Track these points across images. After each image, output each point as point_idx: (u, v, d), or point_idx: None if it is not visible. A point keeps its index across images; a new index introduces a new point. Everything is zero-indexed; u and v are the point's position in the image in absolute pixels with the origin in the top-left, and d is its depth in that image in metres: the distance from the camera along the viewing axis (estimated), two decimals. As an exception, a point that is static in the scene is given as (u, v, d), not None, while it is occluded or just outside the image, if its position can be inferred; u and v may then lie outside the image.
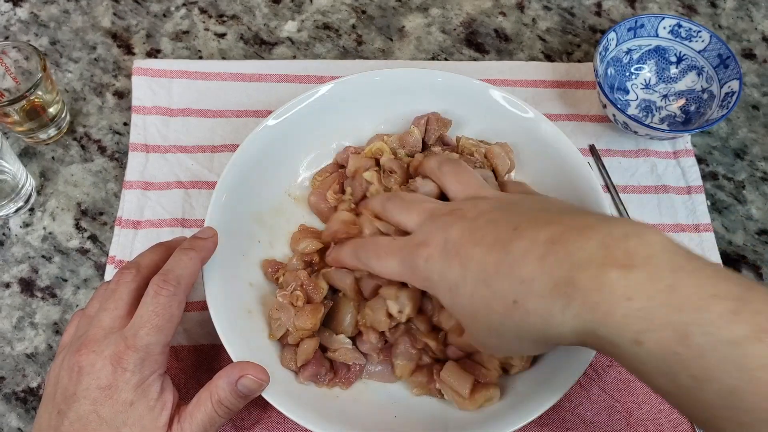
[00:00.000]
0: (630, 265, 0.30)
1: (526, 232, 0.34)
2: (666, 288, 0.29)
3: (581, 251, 0.32)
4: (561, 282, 0.32)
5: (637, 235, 0.32)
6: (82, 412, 0.38)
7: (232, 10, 0.70)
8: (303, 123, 0.54)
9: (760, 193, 0.62)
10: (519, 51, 0.68)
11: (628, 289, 0.30)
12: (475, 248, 0.35)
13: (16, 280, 0.56)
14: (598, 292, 0.31)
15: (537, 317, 0.33)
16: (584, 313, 0.31)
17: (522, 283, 0.33)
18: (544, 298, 0.32)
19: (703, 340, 0.28)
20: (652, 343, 0.29)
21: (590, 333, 0.31)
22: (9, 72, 0.58)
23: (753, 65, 0.68)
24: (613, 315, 0.30)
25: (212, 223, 0.48)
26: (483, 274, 0.35)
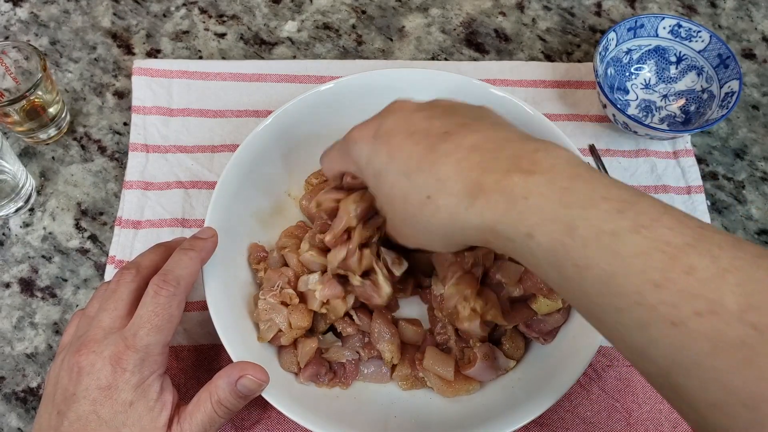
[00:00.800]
0: (532, 171, 0.33)
1: (454, 137, 0.36)
2: (560, 189, 0.32)
3: (494, 160, 0.34)
4: (471, 183, 0.34)
5: (545, 150, 0.34)
6: (81, 412, 0.38)
7: (232, 10, 0.70)
8: (303, 123, 0.54)
9: (760, 193, 0.61)
10: (519, 51, 0.68)
11: (526, 190, 0.33)
12: (405, 140, 0.37)
13: (16, 280, 0.56)
14: (500, 193, 0.33)
15: (445, 213, 0.35)
16: (486, 211, 0.34)
17: (438, 181, 0.35)
18: (454, 196, 0.35)
19: (586, 232, 0.30)
20: (542, 235, 0.32)
21: (490, 229, 0.34)
22: (9, 72, 0.58)
23: (753, 65, 0.68)
24: (510, 212, 0.33)
25: (212, 223, 0.48)
26: (405, 167, 0.37)
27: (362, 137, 0.40)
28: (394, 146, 0.38)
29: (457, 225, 0.35)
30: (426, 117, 0.38)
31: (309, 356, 0.47)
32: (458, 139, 0.36)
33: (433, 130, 0.37)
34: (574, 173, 0.33)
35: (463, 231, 0.35)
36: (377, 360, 0.50)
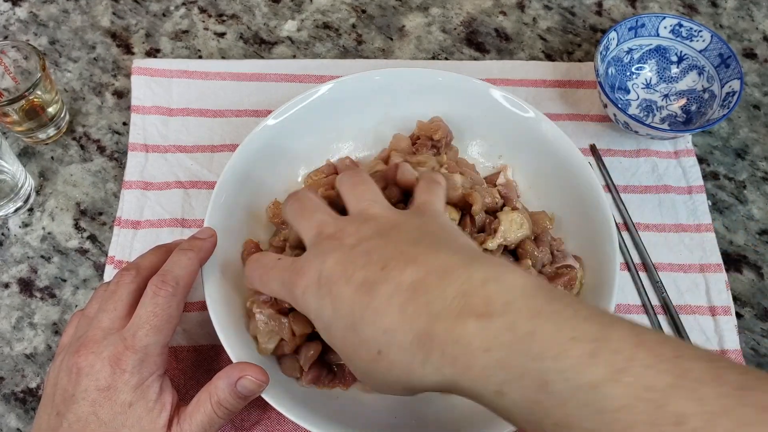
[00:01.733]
0: (487, 313, 0.30)
1: (392, 273, 0.34)
2: (524, 336, 0.29)
3: (439, 300, 0.32)
4: (421, 334, 0.31)
5: (495, 280, 0.31)
6: (81, 413, 0.38)
7: (232, 10, 0.70)
8: (303, 123, 0.54)
9: (761, 193, 0.61)
10: (519, 50, 0.68)
11: (485, 340, 0.30)
12: (345, 287, 0.35)
13: (15, 280, 0.56)
14: (456, 345, 0.30)
15: (400, 369, 0.33)
16: (444, 367, 0.31)
17: (385, 334, 0.33)
18: (406, 350, 0.32)
19: (562, 387, 0.28)
20: (514, 392, 0.29)
21: (452, 385, 0.31)
22: (8, 72, 0.58)
23: (754, 65, 0.68)
24: (473, 368, 0.30)
25: (212, 223, 0.48)
26: (351, 319, 0.34)
27: (307, 286, 0.37)
28: (336, 297, 0.35)
29: (415, 380, 0.33)
30: (364, 251, 0.35)
31: (312, 359, 0.47)
32: (396, 275, 0.33)
33: (371, 267, 0.34)
34: (534, 311, 0.30)
35: (422, 386, 0.33)
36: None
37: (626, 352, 0.28)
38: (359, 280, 0.34)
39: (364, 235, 0.37)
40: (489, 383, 0.30)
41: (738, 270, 0.58)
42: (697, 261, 0.57)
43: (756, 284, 0.57)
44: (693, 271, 0.56)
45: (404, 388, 0.34)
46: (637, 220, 0.59)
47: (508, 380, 0.29)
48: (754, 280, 0.57)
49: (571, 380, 0.28)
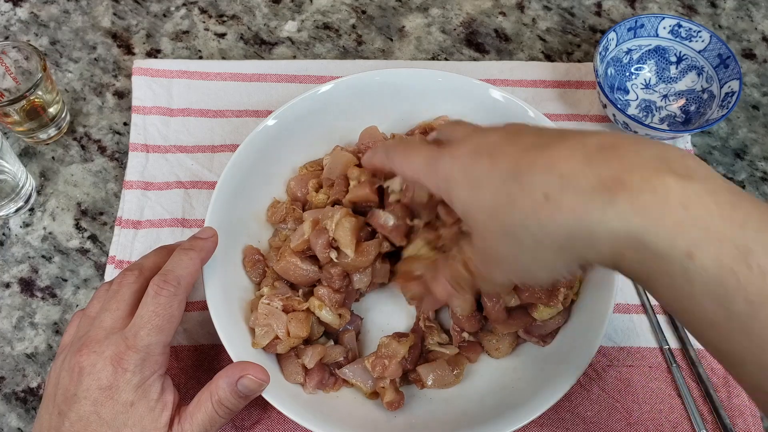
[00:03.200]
0: (689, 177, 0.27)
1: (574, 136, 0.30)
2: (727, 204, 0.27)
3: (636, 156, 0.28)
4: (608, 179, 0.28)
5: (695, 159, 0.29)
6: (82, 412, 0.38)
7: (232, 10, 0.70)
8: (303, 123, 0.54)
9: (761, 193, 0.61)
10: (519, 51, 0.68)
11: (685, 196, 0.27)
12: (511, 147, 0.32)
13: (16, 280, 0.56)
14: (652, 194, 0.27)
15: (570, 215, 0.28)
16: (631, 215, 0.27)
17: (560, 177, 0.29)
18: (585, 193, 0.28)
19: (766, 261, 0.25)
20: (708, 258, 0.26)
21: (634, 240, 0.27)
22: (9, 72, 0.58)
23: (753, 65, 0.68)
24: (666, 220, 0.27)
25: (212, 223, 0.48)
26: (516, 168, 0.31)
27: (459, 155, 0.34)
28: (499, 155, 0.32)
29: (584, 229, 0.28)
30: (531, 131, 0.33)
31: (315, 362, 0.47)
32: (579, 137, 0.30)
33: (545, 135, 0.32)
34: (735, 189, 0.28)
35: (591, 239, 0.28)
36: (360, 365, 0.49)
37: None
38: (528, 142, 0.32)
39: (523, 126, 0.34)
40: (681, 241, 0.26)
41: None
42: (696, 261, 0.57)
43: (755, 284, 0.57)
44: (692, 271, 0.56)
45: (560, 247, 0.30)
46: (637, 220, 0.59)
47: (705, 241, 0.26)
48: None
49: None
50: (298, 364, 0.47)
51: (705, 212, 0.26)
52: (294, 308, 0.47)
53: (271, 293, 0.48)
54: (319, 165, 0.55)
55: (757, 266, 0.25)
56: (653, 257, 0.27)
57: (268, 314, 0.47)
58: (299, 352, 0.47)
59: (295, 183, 0.54)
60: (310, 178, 0.53)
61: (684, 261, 0.26)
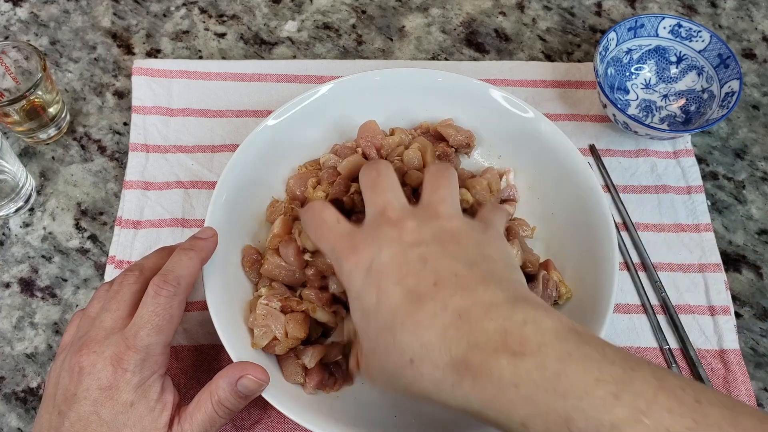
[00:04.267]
0: (521, 352, 0.32)
1: (442, 293, 0.35)
2: (552, 375, 0.31)
3: (480, 332, 0.33)
4: (457, 359, 0.33)
5: (533, 323, 0.33)
6: (82, 412, 0.38)
7: (232, 10, 0.70)
8: (303, 123, 0.54)
9: (761, 193, 0.61)
10: (519, 51, 0.68)
11: (515, 376, 0.31)
12: (394, 287, 0.36)
13: (16, 280, 0.56)
14: (488, 378, 0.32)
15: (429, 383, 0.34)
16: (473, 394, 0.32)
17: (422, 347, 0.34)
18: (439, 369, 0.33)
19: (585, 425, 0.29)
20: (538, 427, 0.31)
21: (478, 413, 0.33)
22: (9, 72, 0.58)
23: (753, 65, 0.68)
24: (501, 400, 0.32)
25: (212, 223, 0.48)
26: (391, 321, 0.35)
27: (357, 266, 0.38)
28: (383, 292, 0.36)
29: (441, 398, 0.34)
30: (420, 257, 0.37)
31: (315, 362, 0.47)
32: (446, 297, 0.35)
33: (423, 278, 0.36)
34: (564, 352, 0.31)
35: (446, 405, 0.34)
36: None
37: (648, 394, 0.29)
38: (409, 287, 0.36)
39: (424, 238, 0.38)
40: (515, 416, 0.31)
41: (737, 270, 0.58)
42: (696, 261, 0.57)
43: (755, 284, 0.57)
44: (692, 271, 0.57)
45: (423, 399, 0.35)
46: (637, 220, 0.59)
47: (534, 415, 0.31)
48: (753, 279, 0.58)
49: (594, 419, 0.29)
50: (298, 365, 0.47)
51: (533, 389, 0.31)
52: (292, 309, 0.47)
53: (269, 293, 0.48)
54: (318, 164, 0.55)
55: (580, 430, 0.29)
56: (497, 425, 0.33)
57: (267, 315, 0.47)
58: (299, 352, 0.47)
59: (294, 181, 0.54)
60: (309, 177, 0.53)
61: (520, 429, 0.31)
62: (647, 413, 0.29)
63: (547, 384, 0.31)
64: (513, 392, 0.31)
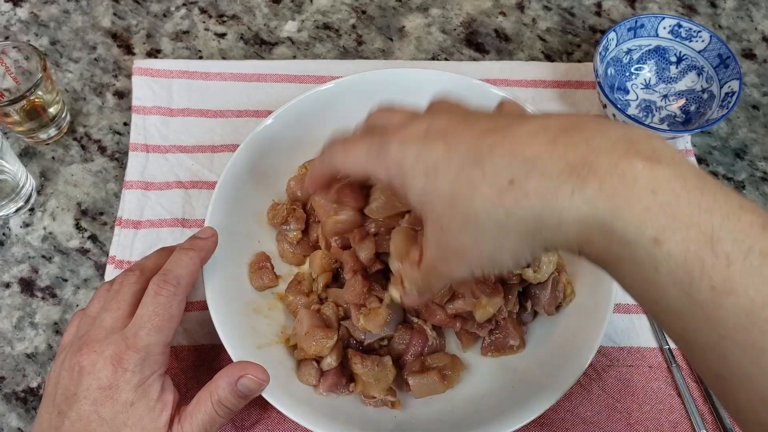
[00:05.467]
0: (656, 160, 0.27)
1: (534, 119, 0.30)
2: (694, 188, 0.26)
3: (602, 138, 0.28)
4: (575, 163, 0.27)
5: (661, 140, 0.28)
6: (82, 412, 0.38)
7: (232, 10, 0.70)
8: (303, 123, 0.54)
9: (761, 193, 0.62)
10: (519, 51, 0.68)
11: (653, 181, 0.26)
12: (468, 130, 0.31)
13: (16, 280, 0.56)
14: (620, 178, 0.27)
15: (537, 199, 0.28)
16: (599, 199, 0.27)
17: (525, 162, 0.28)
18: (551, 178, 0.28)
19: (732, 248, 0.25)
20: (675, 243, 0.26)
21: (601, 224, 0.27)
22: (9, 72, 0.58)
23: (753, 65, 0.68)
24: (634, 206, 0.26)
25: (212, 223, 0.48)
26: (475, 152, 0.30)
27: (407, 138, 0.32)
28: (454, 137, 0.31)
29: (552, 216, 0.28)
30: (487, 115, 0.32)
31: (332, 367, 0.47)
32: (541, 119, 0.30)
33: (501, 118, 0.31)
34: (701, 174, 0.27)
35: (559, 224, 0.28)
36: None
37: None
38: (486, 125, 0.31)
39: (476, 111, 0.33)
40: (648, 226, 0.26)
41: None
42: (696, 261, 0.57)
43: (755, 284, 0.57)
44: (692, 271, 0.56)
45: (526, 232, 0.29)
46: (637, 220, 0.59)
47: (672, 227, 0.26)
48: None
49: (742, 242, 0.25)
50: (314, 368, 0.47)
51: (673, 198, 0.26)
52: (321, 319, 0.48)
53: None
54: None
55: (723, 253, 0.25)
56: (620, 243, 0.27)
57: (299, 320, 0.48)
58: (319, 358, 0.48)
59: (294, 182, 0.54)
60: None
61: (651, 247, 0.26)
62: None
63: (690, 196, 0.26)
64: (650, 198, 0.26)
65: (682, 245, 0.26)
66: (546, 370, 0.47)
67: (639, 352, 0.53)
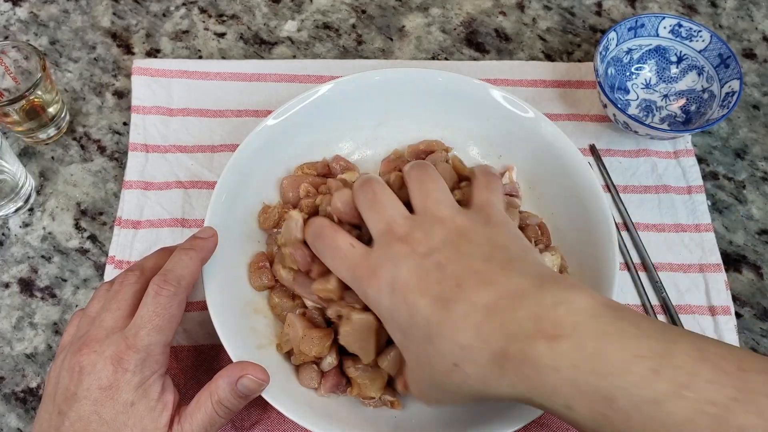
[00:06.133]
0: (557, 336, 0.32)
1: (467, 293, 0.35)
2: (590, 356, 0.31)
3: (513, 322, 0.33)
4: (496, 353, 0.33)
5: (566, 303, 0.33)
6: (82, 412, 0.38)
7: (232, 10, 0.70)
8: (303, 123, 0.54)
9: (761, 193, 0.61)
10: (519, 51, 0.68)
11: (554, 360, 0.31)
12: (421, 299, 0.36)
13: (15, 280, 0.56)
14: (529, 365, 0.32)
15: (476, 382, 0.35)
16: (518, 384, 0.33)
17: (461, 349, 0.34)
18: (482, 366, 0.34)
19: (626, 402, 0.29)
20: (582, 408, 0.31)
21: (526, 399, 0.33)
22: (9, 72, 0.58)
23: (753, 65, 0.68)
24: (544, 385, 0.32)
25: (212, 223, 0.48)
26: (427, 331, 0.36)
27: (380, 289, 0.38)
28: (412, 306, 0.36)
29: (489, 392, 0.35)
30: (437, 265, 0.37)
31: (332, 366, 0.47)
32: (471, 295, 0.35)
33: (446, 283, 0.36)
34: (601, 331, 0.31)
35: (497, 398, 0.35)
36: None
37: (688, 367, 0.29)
38: (434, 294, 0.36)
39: (435, 245, 0.38)
40: (558, 399, 0.32)
41: (737, 270, 0.58)
42: (696, 261, 0.57)
43: (755, 284, 0.57)
44: (692, 271, 0.57)
45: (475, 398, 0.36)
46: (637, 220, 0.59)
47: (576, 396, 0.31)
48: (754, 280, 0.58)
49: (635, 396, 0.29)
50: (314, 370, 0.47)
51: (573, 372, 0.31)
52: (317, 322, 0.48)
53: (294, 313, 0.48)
54: (314, 167, 0.55)
55: (621, 408, 0.29)
56: (545, 409, 0.33)
57: (290, 324, 0.47)
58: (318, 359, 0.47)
59: (287, 182, 0.53)
60: (302, 181, 0.53)
61: (566, 412, 0.32)
62: (689, 386, 0.29)
63: (586, 365, 0.31)
64: (554, 376, 0.31)
65: (588, 409, 0.31)
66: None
67: (639, 352, 0.53)
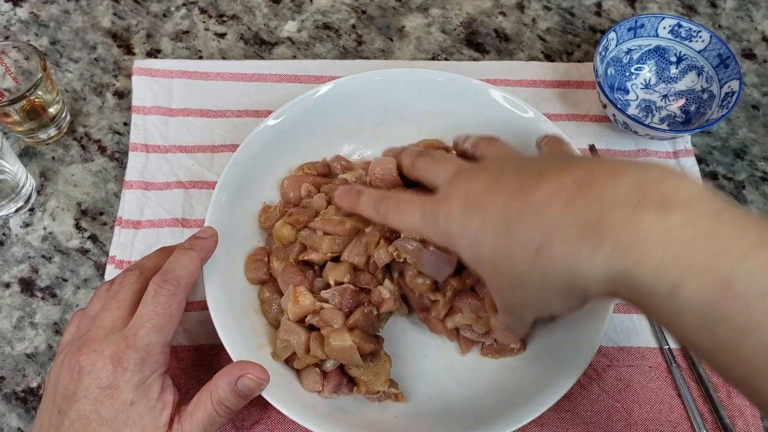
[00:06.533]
0: (667, 207, 0.28)
1: (553, 176, 0.32)
2: (706, 233, 0.27)
3: (613, 192, 0.29)
4: (591, 223, 0.29)
5: (674, 178, 0.29)
6: (82, 411, 0.38)
7: (232, 10, 0.70)
8: (303, 123, 0.54)
9: (760, 193, 0.62)
10: (519, 51, 0.68)
11: (665, 232, 0.28)
12: (497, 196, 0.33)
13: (16, 280, 0.56)
14: (632, 235, 0.28)
15: (563, 262, 0.30)
16: (616, 257, 0.28)
17: (547, 227, 0.31)
18: (571, 240, 0.30)
19: (747, 289, 0.26)
20: (691, 291, 0.27)
21: (622, 280, 0.29)
22: (9, 72, 0.58)
23: (753, 65, 0.68)
24: (648, 260, 0.28)
25: (212, 223, 0.48)
26: (505, 222, 0.32)
27: (452, 210, 0.36)
28: (486, 207, 0.34)
29: (579, 277, 0.30)
30: (515, 169, 0.35)
31: (335, 366, 0.47)
32: (558, 177, 0.31)
33: (526, 176, 0.33)
34: (716, 210, 0.28)
35: (586, 283, 0.30)
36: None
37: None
38: (513, 188, 0.33)
39: (510, 160, 0.36)
40: (665, 278, 0.28)
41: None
42: (696, 261, 0.57)
43: (755, 284, 0.57)
44: (692, 271, 0.56)
45: (563, 290, 0.32)
46: (637, 220, 0.59)
47: (687, 276, 0.27)
48: None
49: (757, 283, 0.26)
50: (317, 373, 0.47)
51: (685, 248, 0.27)
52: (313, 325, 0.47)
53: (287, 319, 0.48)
54: (315, 167, 0.55)
55: (739, 296, 0.26)
56: (641, 292, 0.29)
57: (289, 331, 0.46)
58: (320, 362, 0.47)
59: (288, 182, 0.53)
60: (303, 181, 0.53)
61: (669, 296, 0.28)
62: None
63: (702, 242, 0.27)
64: (663, 251, 0.27)
65: (699, 292, 0.27)
66: (546, 371, 0.47)
67: (639, 352, 0.53)
